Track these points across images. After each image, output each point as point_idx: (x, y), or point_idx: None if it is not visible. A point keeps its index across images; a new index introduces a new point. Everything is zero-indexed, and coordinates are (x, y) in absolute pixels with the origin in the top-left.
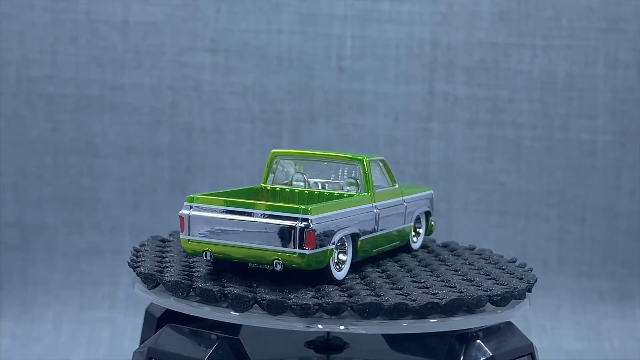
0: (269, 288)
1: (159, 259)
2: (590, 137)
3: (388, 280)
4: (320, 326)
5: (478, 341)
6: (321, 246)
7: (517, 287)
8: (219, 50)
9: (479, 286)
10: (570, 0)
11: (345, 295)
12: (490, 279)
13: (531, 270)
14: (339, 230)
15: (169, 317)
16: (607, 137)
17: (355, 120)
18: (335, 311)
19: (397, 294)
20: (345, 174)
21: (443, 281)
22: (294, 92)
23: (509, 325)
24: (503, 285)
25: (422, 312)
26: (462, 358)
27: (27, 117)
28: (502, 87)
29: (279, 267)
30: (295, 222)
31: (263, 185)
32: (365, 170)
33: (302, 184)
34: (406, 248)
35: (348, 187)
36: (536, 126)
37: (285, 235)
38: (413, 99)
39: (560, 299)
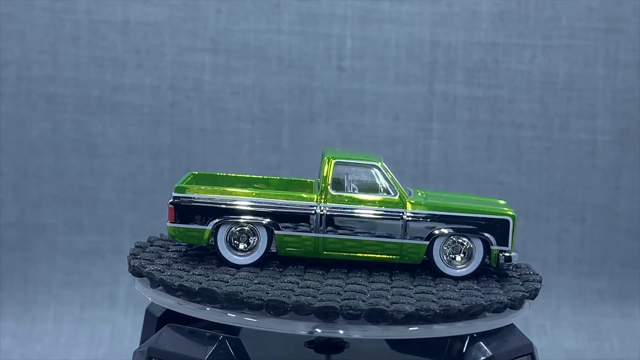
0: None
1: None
2: (590, 137)
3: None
4: (319, 330)
5: (478, 341)
6: (190, 223)
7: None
8: (219, 50)
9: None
10: (570, 0)
11: (181, 276)
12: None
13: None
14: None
15: (169, 317)
16: (606, 137)
17: (355, 120)
18: (154, 284)
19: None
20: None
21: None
22: (294, 92)
23: (509, 325)
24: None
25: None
26: (462, 358)
27: (27, 117)
28: (502, 87)
29: None
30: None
31: (316, 179)
32: (322, 169)
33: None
34: (431, 267)
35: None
36: (536, 126)
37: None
38: (413, 99)
39: (560, 299)
